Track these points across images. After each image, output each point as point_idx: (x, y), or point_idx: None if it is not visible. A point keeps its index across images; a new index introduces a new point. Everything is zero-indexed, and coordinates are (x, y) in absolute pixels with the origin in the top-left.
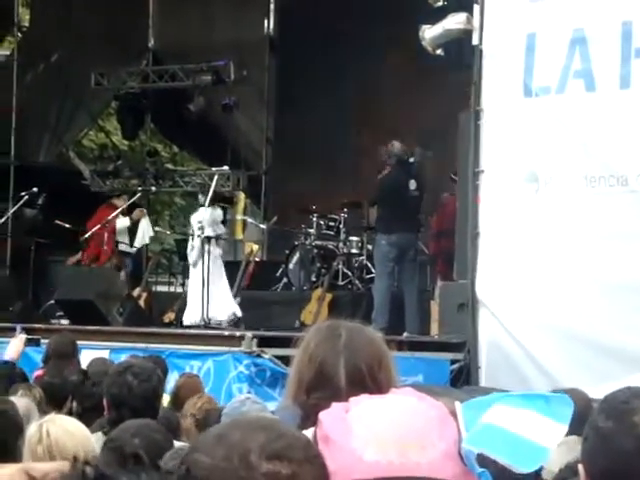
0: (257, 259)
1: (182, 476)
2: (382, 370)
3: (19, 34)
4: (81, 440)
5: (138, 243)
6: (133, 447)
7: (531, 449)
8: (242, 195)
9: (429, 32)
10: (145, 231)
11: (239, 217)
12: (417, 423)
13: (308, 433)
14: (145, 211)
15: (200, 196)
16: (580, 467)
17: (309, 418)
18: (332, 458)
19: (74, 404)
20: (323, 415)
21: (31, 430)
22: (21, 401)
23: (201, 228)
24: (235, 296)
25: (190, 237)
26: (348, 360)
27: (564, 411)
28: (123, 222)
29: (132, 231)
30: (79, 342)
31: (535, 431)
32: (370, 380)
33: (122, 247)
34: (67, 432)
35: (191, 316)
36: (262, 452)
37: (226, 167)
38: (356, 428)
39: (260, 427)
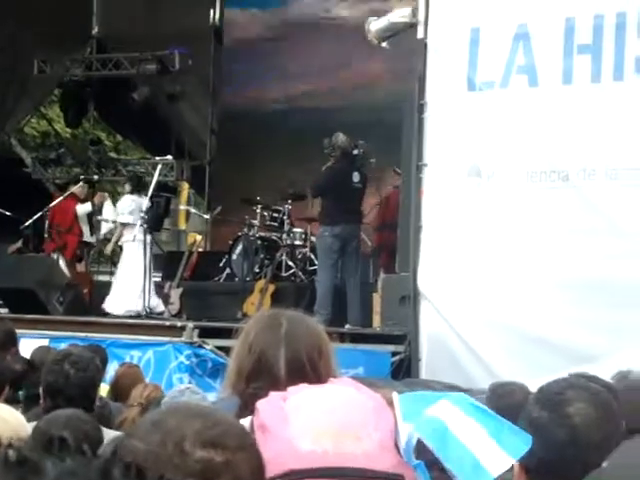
0: (200, 249)
1: (109, 460)
2: (322, 360)
3: None
4: (15, 428)
5: (104, 230)
6: (59, 432)
7: (478, 471)
8: (185, 185)
9: (374, 25)
10: (111, 216)
11: (182, 207)
12: (354, 414)
13: (245, 422)
14: (107, 195)
15: (127, 185)
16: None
17: (247, 407)
18: (268, 447)
19: (20, 393)
20: (260, 404)
21: None
22: None
23: (143, 217)
24: (178, 286)
25: (119, 224)
26: (288, 349)
27: (519, 446)
28: (84, 208)
29: (91, 219)
30: (18, 331)
31: (486, 455)
32: (310, 370)
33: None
34: (1, 420)
35: (123, 305)
36: (197, 439)
37: (170, 157)
38: (293, 417)
39: (196, 414)
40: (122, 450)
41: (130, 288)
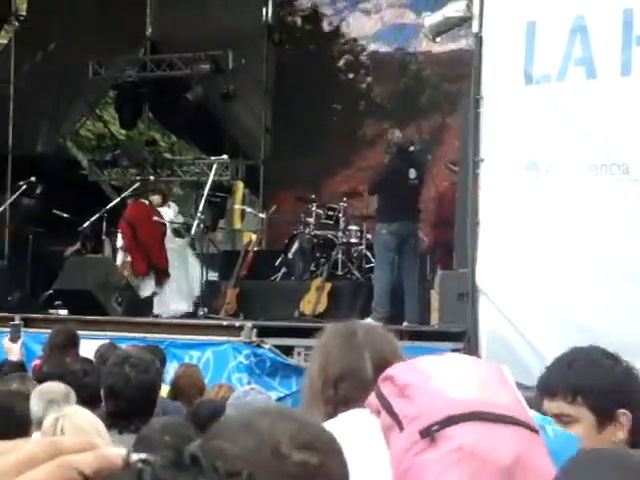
0: (256, 249)
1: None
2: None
3: (16, 23)
4: (91, 436)
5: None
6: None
7: None
8: (240, 184)
9: (429, 20)
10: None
11: (237, 207)
12: (487, 373)
13: (369, 400)
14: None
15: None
16: None
17: (335, 412)
18: (415, 403)
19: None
20: (392, 370)
21: (47, 422)
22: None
23: (200, 217)
24: (234, 286)
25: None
26: (371, 352)
27: None
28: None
29: None
30: (78, 332)
31: None
32: None
33: None
34: (81, 430)
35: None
36: (292, 441)
37: (225, 156)
38: (434, 372)
39: (287, 417)
40: (210, 452)
41: (170, 291)
